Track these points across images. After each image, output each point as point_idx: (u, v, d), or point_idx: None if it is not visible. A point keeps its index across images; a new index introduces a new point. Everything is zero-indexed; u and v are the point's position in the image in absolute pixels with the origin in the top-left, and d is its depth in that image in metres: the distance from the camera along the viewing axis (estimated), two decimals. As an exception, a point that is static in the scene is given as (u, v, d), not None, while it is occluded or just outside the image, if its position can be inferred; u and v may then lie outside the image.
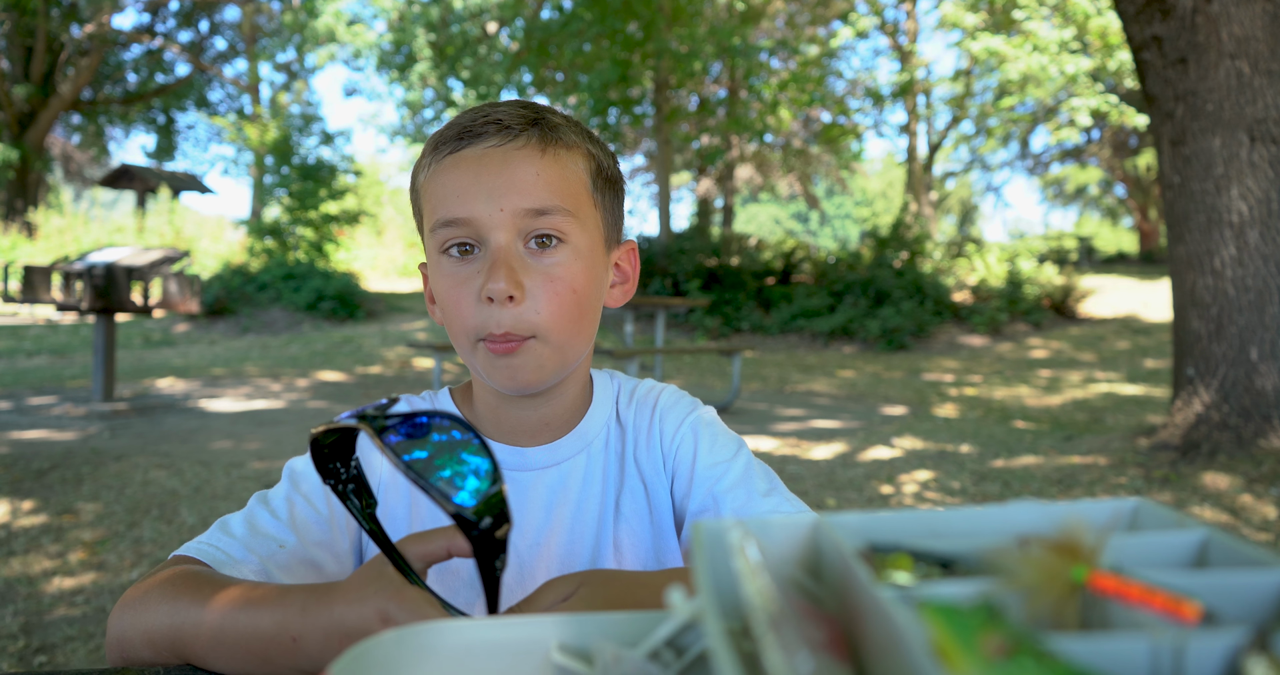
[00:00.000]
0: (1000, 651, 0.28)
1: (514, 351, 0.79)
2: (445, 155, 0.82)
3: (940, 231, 28.60)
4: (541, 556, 0.86)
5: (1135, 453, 4.84)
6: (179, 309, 6.50)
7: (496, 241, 0.79)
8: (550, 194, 0.80)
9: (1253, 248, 4.48)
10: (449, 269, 0.81)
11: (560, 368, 0.84)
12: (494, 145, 0.80)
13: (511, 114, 0.82)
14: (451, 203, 0.80)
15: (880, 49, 25.60)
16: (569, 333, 0.82)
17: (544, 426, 0.89)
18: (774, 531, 0.43)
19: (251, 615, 0.64)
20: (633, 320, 7.86)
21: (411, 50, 18.78)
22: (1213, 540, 0.39)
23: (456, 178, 0.80)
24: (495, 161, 0.80)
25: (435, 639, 0.43)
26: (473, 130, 0.81)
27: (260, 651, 0.63)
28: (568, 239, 0.82)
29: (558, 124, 0.84)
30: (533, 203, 0.79)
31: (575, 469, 0.89)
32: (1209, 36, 4.46)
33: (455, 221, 0.80)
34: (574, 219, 0.82)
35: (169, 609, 0.68)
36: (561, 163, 0.83)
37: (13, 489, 4.02)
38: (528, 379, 0.81)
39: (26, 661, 2.34)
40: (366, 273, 17.80)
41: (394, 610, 0.56)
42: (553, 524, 0.87)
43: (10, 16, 20.44)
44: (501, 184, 0.79)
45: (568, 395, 0.90)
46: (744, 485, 0.87)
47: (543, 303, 0.79)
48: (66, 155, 27.20)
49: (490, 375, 0.82)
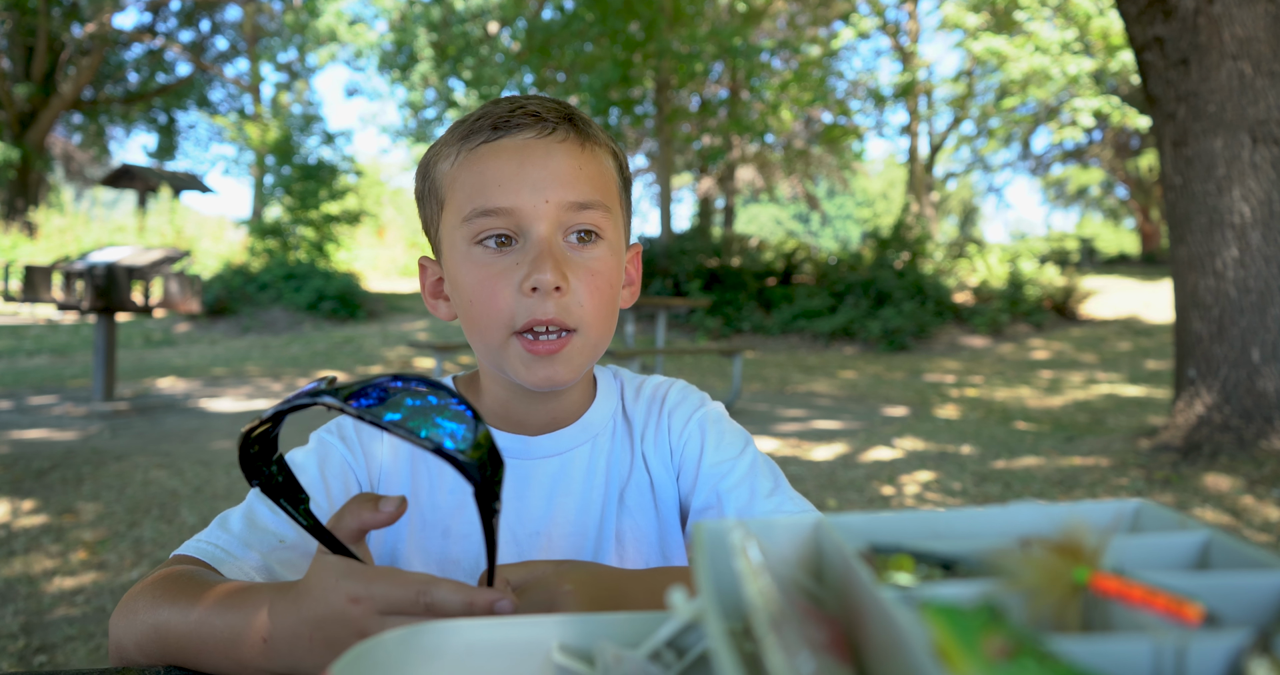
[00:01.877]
0: (1002, 653, 0.28)
1: (556, 352, 0.79)
2: (480, 144, 0.81)
3: (941, 232, 28.59)
4: (543, 545, 0.86)
5: (1137, 454, 4.84)
6: (180, 309, 6.51)
7: (539, 233, 0.78)
8: (591, 188, 0.81)
9: (1254, 249, 4.47)
10: (484, 259, 0.80)
11: (590, 363, 0.84)
12: (533, 136, 0.80)
13: (545, 107, 0.82)
14: (492, 192, 0.79)
15: (882, 50, 25.64)
16: (604, 328, 0.83)
17: (551, 421, 0.89)
18: (775, 532, 0.43)
19: (222, 617, 0.63)
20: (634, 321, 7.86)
21: (413, 50, 18.80)
22: (1214, 542, 0.39)
23: (498, 167, 0.79)
24: (539, 153, 0.79)
25: (436, 639, 0.43)
26: (510, 121, 0.81)
27: (234, 654, 0.62)
28: (604, 235, 0.82)
29: (587, 120, 0.85)
30: (576, 196, 0.79)
31: (579, 459, 0.89)
32: (1211, 37, 4.46)
33: (496, 211, 0.78)
34: (610, 215, 0.83)
35: (154, 613, 0.68)
36: (598, 159, 0.83)
37: (13, 489, 4.02)
38: (564, 377, 0.81)
39: (27, 661, 2.34)
40: (367, 273, 17.80)
41: (360, 590, 0.55)
42: (555, 513, 0.87)
43: (11, 16, 20.46)
44: (547, 176, 0.79)
45: (576, 390, 0.90)
46: (748, 483, 0.87)
47: (585, 296, 0.79)
48: (67, 155, 27.21)
49: (524, 371, 0.80)
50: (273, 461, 0.60)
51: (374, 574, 0.56)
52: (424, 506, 0.87)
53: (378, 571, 0.56)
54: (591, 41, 15.62)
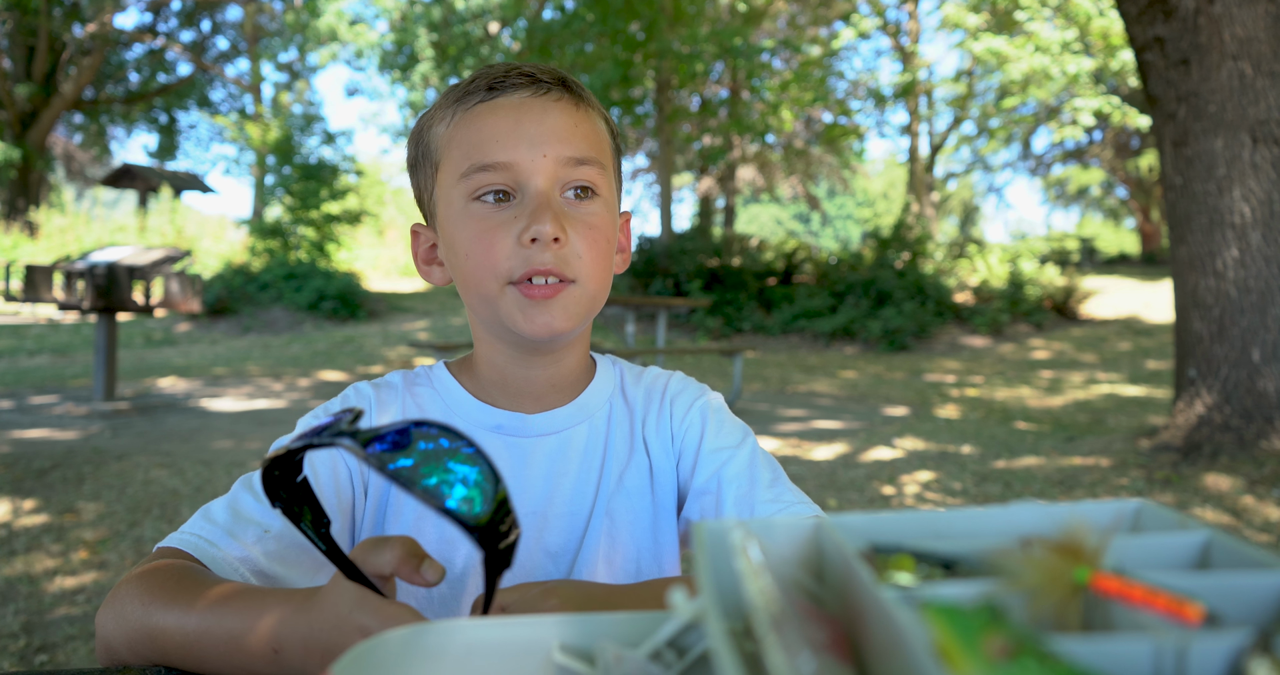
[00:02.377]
0: (1003, 653, 0.28)
1: (552, 297, 0.80)
2: (475, 104, 0.82)
3: (942, 232, 28.57)
4: (538, 524, 0.86)
5: (1137, 454, 4.83)
6: (180, 308, 6.51)
7: (537, 187, 0.80)
8: (587, 145, 0.83)
9: (1255, 249, 4.47)
10: (482, 213, 0.81)
11: (587, 316, 0.85)
12: (529, 95, 0.82)
13: (539, 69, 0.84)
14: (490, 147, 0.80)
15: (882, 50, 25.63)
16: (602, 281, 0.84)
17: (550, 388, 0.89)
18: (776, 532, 0.43)
19: (223, 622, 0.63)
20: (634, 320, 7.86)
21: (413, 50, 18.81)
22: (1215, 542, 0.39)
23: (495, 123, 0.81)
24: (536, 109, 0.81)
25: (437, 639, 0.43)
26: (506, 81, 0.82)
27: (242, 662, 0.62)
28: (600, 191, 0.84)
29: (580, 85, 0.87)
30: (574, 151, 0.81)
31: (576, 438, 0.89)
32: (1211, 38, 4.46)
33: (495, 166, 0.80)
34: (604, 173, 0.85)
35: (145, 613, 0.67)
36: (592, 119, 0.85)
37: (14, 488, 4.02)
38: (562, 324, 0.81)
39: (27, 660, 2.34)
40: (368, 273, 17.81)
41: (373, 624, 0.55)
42: (552, 492, 0.87)
43: (12, 16, 20.47)
44: (545, 131, 0.80)
45: (573, 356, 0.90)
46: (749, 473, 0.88)
47: (583, 249, 0.81)
48: (68, 154, 27.22)
49: (522, 319, 0.81)
50: (295, 484, 0.60)
51: (388, 611, 0.56)
52: (421, 508, 0.86)
53: (392, 609, 0.56)
54: (592, 41, 15.62)
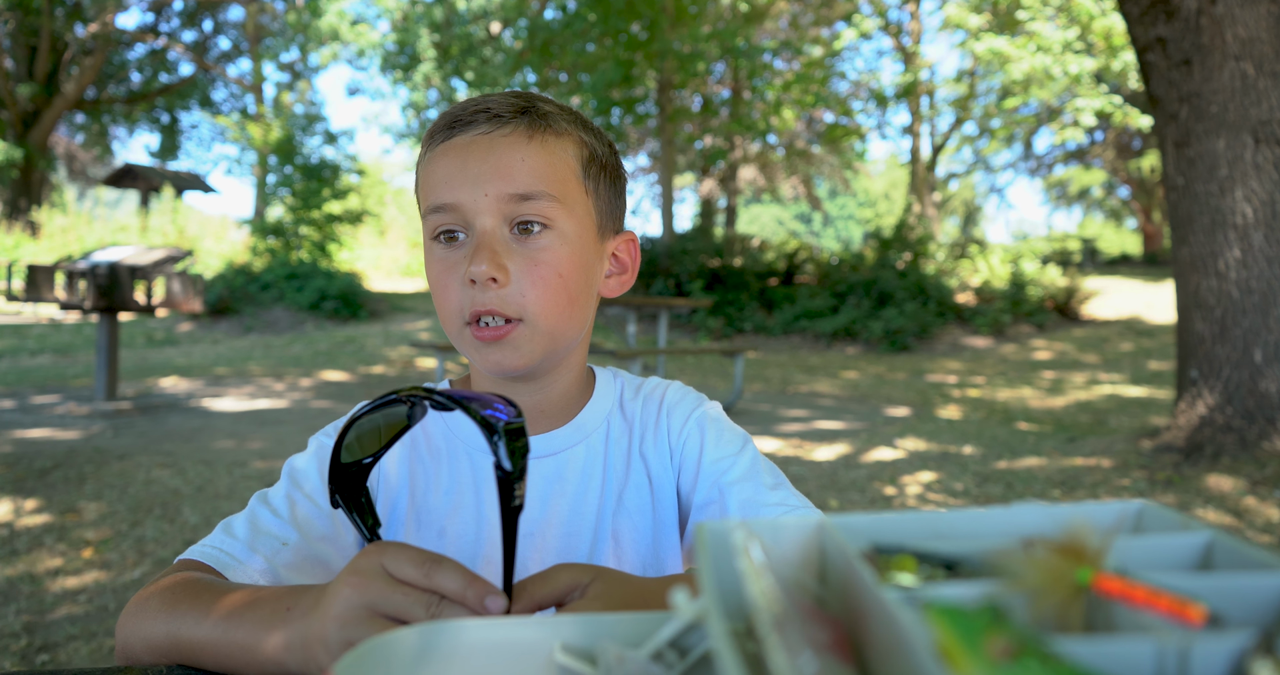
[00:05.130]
0: (1005, 653, 0.28)
1: (501, 338, 0.81)
2: (438, 144, 0.84)
3: (943, 233, 28.55)
4: (536, 547, 0.86)
5: (1139, 455, 4.83)
6: (182, 308, 6.51)
7: (482, 226, 0.81)
8: (535, 179, 0.81)
9: (1257, 250, 4.47)
10: (439, 254, 0.83)
11: (549, 352, 0.84)
12: (482, 133, 0.82)
13: (502, 103, 0.84)
14: (440, 189, 0.82)
15: (884, 50, 25.66)
16: (557, 318, 0.83)
17: (540, 414, 0.89)
18: (778, 533, 0.43)
19: (242, 628, 0.64)
20: (635, 321, 7.85)
21: (415, 50, 18.82)
22: (1217, 542, 0.39)
23: (445, 165, 0.82)
24: (481, 148, 0.81)
25: (439, 639, 0.43)
26: (463, 119, 0.83)
27: (257, 666, 0.63)
28: (553, 225, 0.82)
29: (549, 112, 0.85)
30: (516, 188, 0.80)
31: (573, 460, 0.89)
32: (1213, 38, 4.45)
33: (443, 207, 0.82)
34: (560, 205, 0.83)
35: (167, 619, 0.69)
36: (549, 149, 0.83)
37: (16, 488, 4.02)
38: (514, 363, 0.82)
39: (29, 660, 2.34)
40: (369, 273, 17.82)
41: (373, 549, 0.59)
42: (548, 515, 0.87)
43: (14, 16, 20.49)
44: (487, 170, 0.81)
45: (562, 383, 0.90)
46: (751, 478, 0.87)
47: (527, 286, 0.81)
48: (70, 154, 27.25)
49: (477, 357, 0.84)
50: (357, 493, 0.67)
51: (395, 545, 0.59)
52: (419, 507, 0.87)
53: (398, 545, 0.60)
54: (594, 42, 15.63)
